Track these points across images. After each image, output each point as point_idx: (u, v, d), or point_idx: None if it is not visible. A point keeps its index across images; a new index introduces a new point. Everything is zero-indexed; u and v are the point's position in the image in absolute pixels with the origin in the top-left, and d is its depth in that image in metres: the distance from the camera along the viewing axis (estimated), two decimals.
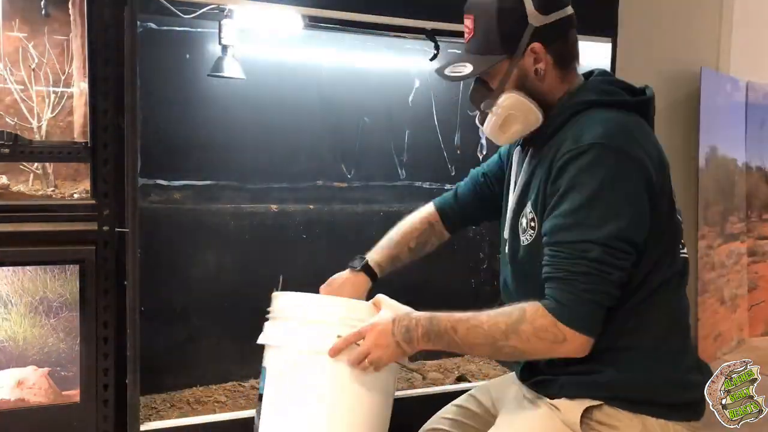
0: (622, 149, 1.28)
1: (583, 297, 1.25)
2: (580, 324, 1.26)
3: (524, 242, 1.42)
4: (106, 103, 1.76)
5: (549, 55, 1.37)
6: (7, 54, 1.97)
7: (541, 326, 1.27)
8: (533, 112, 1.38)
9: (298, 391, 1.47)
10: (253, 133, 2.56)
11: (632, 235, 1.27)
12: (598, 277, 1.25)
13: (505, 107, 1.38)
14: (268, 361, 1.54)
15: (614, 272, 1.26)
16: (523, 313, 1.29)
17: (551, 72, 1.39)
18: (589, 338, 1.27)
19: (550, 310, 1.27)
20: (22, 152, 1.78)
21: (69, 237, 1.76)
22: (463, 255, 2.98)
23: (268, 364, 1.53)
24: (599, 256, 1.25)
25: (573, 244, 1.27)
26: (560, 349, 1.28)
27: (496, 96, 1.39)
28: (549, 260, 1.30)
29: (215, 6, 2.01)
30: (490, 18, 1.36)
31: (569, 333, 1.26)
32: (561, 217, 1.29)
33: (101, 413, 1.80)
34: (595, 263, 1.25)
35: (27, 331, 1.75)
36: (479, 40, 1.40)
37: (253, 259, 2.57)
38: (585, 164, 1.27)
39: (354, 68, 2.71)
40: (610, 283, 1.26)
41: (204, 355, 2.47)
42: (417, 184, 2.88)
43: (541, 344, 1.28)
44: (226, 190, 2.55)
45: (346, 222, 2.73)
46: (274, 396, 1.49)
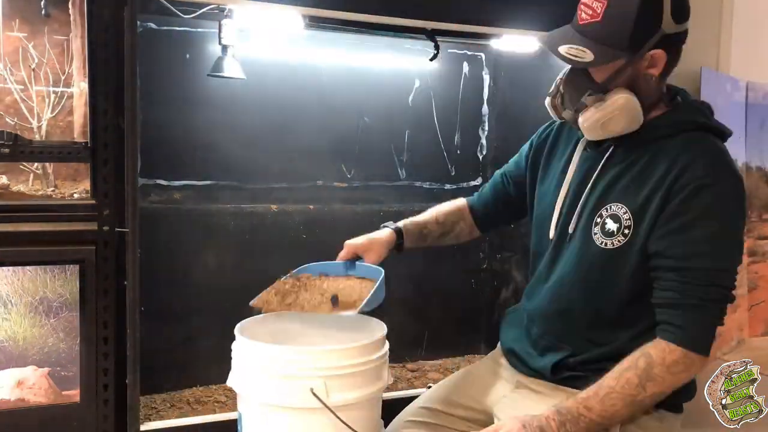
0: (741, 191, 1.35)
1: (714, 323, 1.30)
2: (706, 348, 1.30)
3: (604, 245, 1.38)
4: (106, 103, 1.76)
5: (665, 64, 1.36)
6: (7, 54, 1.97)
7: (672, 362, 1.28)
8: (638, 115, 1.36)
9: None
10: (253, 133, 2.56)
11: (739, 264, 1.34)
12: (724, 303, 1.31)
13: (615, 106, 1.35)
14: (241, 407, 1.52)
15: (730, 296, 1.33)
16: (650, 358, 1.29)
17: (657, 80, 1.38)
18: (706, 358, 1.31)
19: (680, 341, 1.28)
20: (22, 152, 1.77)
21: (69, 237, 1.76)
22: (463, 255, 2.99)
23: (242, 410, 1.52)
24: (731, 283, 1.31)
25: (708, 271, 1.28)
26: (690, 374, 1.31)
27: (605, 91, 1.36)
28: (677, 285, 1.29)
29: (215, 6, 2.01)
30: (629, 11, 1.30)
31: (697, 358, 1.29)
32: (696, 243, 1.29)
33: (101, 413, 1.80)
34: (727, 291, 1.30)
35: (27, 331, 1.75)
36: (606, 29, 1.32)
37: (253, 259, 2.57)
38: (721, 194, 1.29)
39: (354, 68, 2.71)
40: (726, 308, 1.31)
41: (204, 355, 2.47)
42: (417, 184, 2.89)
43: (675, 379, 1.29)
44: (226, 190, 2.55)
45: (346, 222, 2.73)
46: None
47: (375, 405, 1.54)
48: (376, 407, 1.55)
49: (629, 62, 1.34)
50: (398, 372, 2.71)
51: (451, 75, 2.90)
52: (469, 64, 2.93)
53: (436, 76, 2.85)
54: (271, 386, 1.43)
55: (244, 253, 2.57)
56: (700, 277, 1.28)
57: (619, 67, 1.34)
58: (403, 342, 2.78)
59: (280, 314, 1.63)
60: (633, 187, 1.37)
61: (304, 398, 1.39)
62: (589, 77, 1.39)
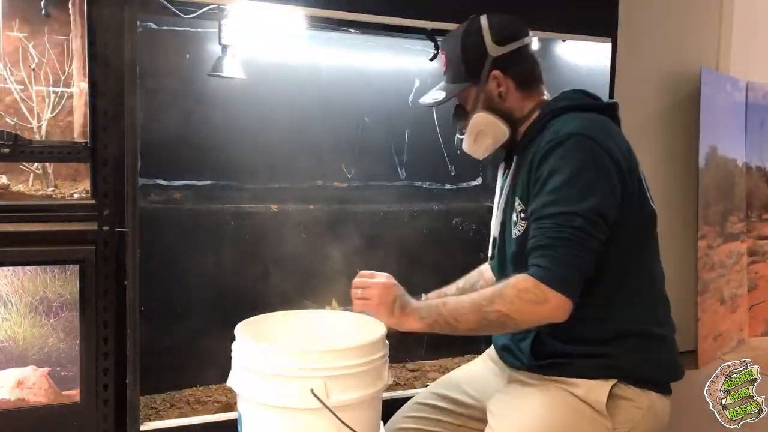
0: (594, 139, 1.44)
1: (564, 260, 1.37)
2: (561, 285, 1.37)
3: (515, 235, 1.53)
4: (106, 103, 1.76)
5: (509, 79, 1.59)
6: (7, 54, 1.97)
7: (523, 288, 1.38)
8: (500, 126, 1.59)
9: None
10: (253, 133, 2.56)
11: (606, 210, 1.41)
12: (578, 243, 1.38)
13: (475, 125, 1.60)
14: (241, 407, 1.52)
15: (592, 240, 1.39)
16: (509, 281, 1.42)
17: (513, 93, 1.59)
18: (568, 300, 1.37)
19: (533, 273, 1.39)
20: (22, 152, 1.77)
21: (69, 237, 1.76)
22: (463, 255, 2.98)
23: (242, 410, 1.52)
24: (581, 224, 1.38)
25: (557, 215, 1.40)
26: (542, 310, 1.38)
27: (468, 117, 1.61)
28: (534, 233, 1.43)
29: (215, 6, 2.01)
30: (457, 52, 1.60)
31: (550, 294, 1.36)
32: (545, 195, 1.43)
33: (101, 413, 1.80)
34: (577, 230, 1.38)
35: (27, 331, 1.75)
36: (450, 71, 1.64)
37: (253, 259, 2.57)
38: (564, 151, 1.43)
39: (354, 68, 2.71)
40: (589, 250, 1.39)
41: (204, 355, 2.46)
42: (417, 184, 2.88)
43: (524, 306, 1.38)
44: (226, 190, 2.55)
45: (346, 222, 2.73)
46: None
47: (375, 405, 1.54)
48: (377, 407, 1.55)
49: (479, 89, 1.59)
50: (398, 372, 2.71)
51: None
52: None
53: (436, 76, 2.84)
54: (270, 387, 1.43)
55: (244, 253, 2.57)
56: (551, 221, 1.40)
57: (474, 96, 1.60)
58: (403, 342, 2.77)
59: (282, 314, 1.63)
60: (519, 178, 1.55)
61: (304, 399, 1.39)
62: (463, 110, 1.65)
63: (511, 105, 1.59)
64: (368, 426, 1.50)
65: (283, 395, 1.41)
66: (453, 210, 2.94)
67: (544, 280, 1.36)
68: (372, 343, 1.49)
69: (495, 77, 1.58)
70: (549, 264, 1.37)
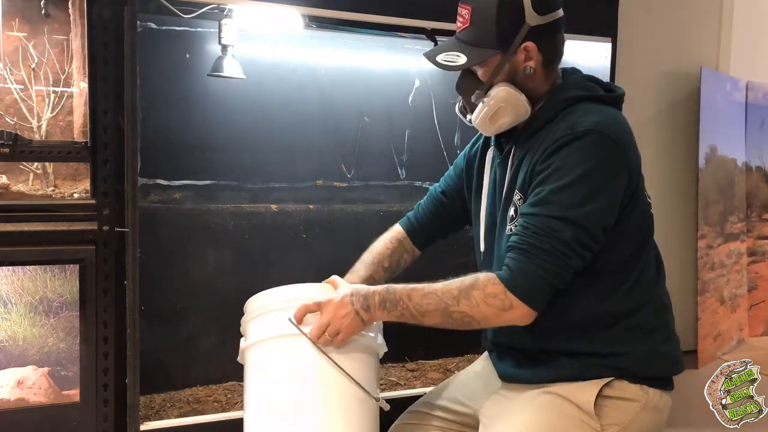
0: (613, 139, 1.34)
1: (538, 273, 1.30)
2: (528, 297, 1.31)
3: (509, 231, 1.43)
4: (106, 103, 1.76)
5: (540, 54, 1.42)
6: (7, 54, 1.97)
7: (491, 293, 1.32)
8: (523, 105, 1.42)
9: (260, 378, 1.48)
10: (253, 133, 2.56)
11: (605, 221, 1.33)
12: (558, 258, 1.30)
13: (497, 99, 1.42)
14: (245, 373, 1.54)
15: (575, 258, 1.31)
16: (476, 280, 1.35)
17: (539, 70, 1.44)
18: (532, 311, 1.33)
19: (503, 279, 1.32)
20: (22, 152, 1.77)
21: (69, 237, 1.76)
22: (463, 254, 2.98)
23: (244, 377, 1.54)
24: (569, 239, 1.30)
25: (546, 218, 1.31)
26: (505, 316, 1.33)
27: (488, 88, 1.43)
28: (518, 230, 1.35)
29: (215, 6, 2.01)
30: (490, 12, 1.39)
31: (516, 302, 1.31)
32: (543, 193, 1.33)
33: (101, 413, 1.80)
34: (562, 245, 1.30)
35: (27, 330, 1.75)
36: (475, 32, 1.42)
37: (253, 259, 2.57)
38: (578, 148, 1.32)
39: (354, 68, 2.71)
40: (567, 267, 1.31)
41: (204, 355, 2.47)
42: (417, 184, 2.88)
43: (489, 310, 1.33)
44: (226, 190, 2.55)
45: (346, 222, 2.73)
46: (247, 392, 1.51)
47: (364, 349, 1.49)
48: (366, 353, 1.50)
49: (504, 58, 1.41)
50: (398, 372, 2.71)
51: (451, 75, 2.89)
52: None
53: (436, 76, 2.85)
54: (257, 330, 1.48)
55: (244, 253, 2.57)
56: (537, 224, 1.31)
57: (497, 64, 1.41)
58: (403, 342, 2.77)
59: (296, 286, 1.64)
60: (523, 171, 1.43)
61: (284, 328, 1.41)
62: (476, 79, 1.47)
63: (535, 83, 1.44)
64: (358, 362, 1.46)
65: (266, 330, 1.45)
66: None
67: (513, 289, 1.31)
68: None
69: (527, 49, 1.40)
70: (521, 273, 1.31)
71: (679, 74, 3.45)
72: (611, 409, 1.41)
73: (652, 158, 3.46)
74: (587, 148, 1.32)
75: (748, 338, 3.77)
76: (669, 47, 3.41)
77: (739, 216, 3.69)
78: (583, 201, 1.31)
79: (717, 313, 3.46)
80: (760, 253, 3.83)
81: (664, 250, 1.59)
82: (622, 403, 1.42)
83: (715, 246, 3.45)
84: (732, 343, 3.61)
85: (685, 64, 3.45)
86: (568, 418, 1.40)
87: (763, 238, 3.83)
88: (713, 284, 3.42)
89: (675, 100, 3.46)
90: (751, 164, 3.78)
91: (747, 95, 3.71)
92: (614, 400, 1.42)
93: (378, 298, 1.39)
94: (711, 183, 3.43)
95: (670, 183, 3.47)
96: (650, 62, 3.34)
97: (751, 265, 3.80)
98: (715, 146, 3.46)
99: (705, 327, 3.33)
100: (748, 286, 3.77)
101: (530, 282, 1.31)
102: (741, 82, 3.65)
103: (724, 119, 3.58)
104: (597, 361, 1.42)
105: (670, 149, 3.47)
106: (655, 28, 3.35)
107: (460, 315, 1.35)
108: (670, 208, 3.47)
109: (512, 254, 1.34)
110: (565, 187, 1.31)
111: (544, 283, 1.31)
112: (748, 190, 3.75)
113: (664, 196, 3.48)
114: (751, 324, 3.81)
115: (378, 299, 1.39)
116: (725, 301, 3.55)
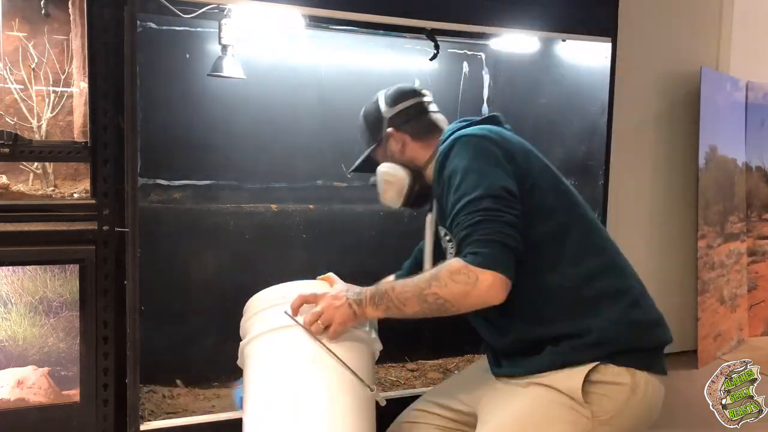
0: (474, 135, 1.56)
1: (485, 240, 1.40)
2: (488, 262, 1.38)
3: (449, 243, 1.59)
4: (106, 103, 1.76)
5: (403, 133, 1.75)
6: (7, 54, 1.97)
7: (455, 269, 1.40)
8: (398, 171, 1.73)
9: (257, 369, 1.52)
10: (253, 133, 2.56)
11: (507, 184, 1.47)
12: (491, 220, 1.42)
13: (378, 176, 1.76)
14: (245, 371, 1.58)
15: (504, 214, 1.43)
16: (444, 263, 1.45)
17: (411, 144, 1.75)
18: (498, 275, 1.39)
19: (463, 257, 1.42)
20: (22, 152, 1.78)
21: (69, 237, 1.76)
22: None
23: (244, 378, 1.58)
24: (488, 205, 1.43)
25: (465, 206, 1.45)
26: (474, 291, 1.39)
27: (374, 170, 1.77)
28: (454, 231, 1.47)
29: (215, 6, 2.01)
30: (362, 123, 1.83)
31: (480, 273, 1.38)
32: (451, 196, 1.50)
33: (101, 413, 1.80)
34: (486, 211, 1.43)
35: (27, 330, 1.75)
36: (363, 140, 1.83)
37: (253, 259, 2.57)
38: (453, 154, 1.54)
39: (354, 68, 2.71)
40: (503, 224, 1.42)
41: (204, 355, 2.47)
42: None
43: (456, 287, 1.40)
44: (226, 190, 2.55)
45: (346, 222, 2.73)
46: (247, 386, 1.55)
47: (358, 340, 1.55)
48: (360, 345, 1.55)
49: (384, 146, 1.77)
50: (398, 372, 2.71)
51: (451, 75, 2.90)
52: (469, 63, 2.93)
53: (436, 75, 2.85)
54: (255, 326, 1.54)
55: (244, 253, 2.57)
56: (463, 213, 1.45)
57: (383, 154, 1.78)
58: (403, 342, 2.78)
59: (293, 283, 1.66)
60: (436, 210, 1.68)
61: (280, 320, 1.48)
62: None
63: (411, 155, 1.74)
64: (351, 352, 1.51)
65: (264, 325, 1.52)
66: None
67: (472, 261, 1.39)
68: None
69: (391, 134, 1.74)
70: (473, 248, 1.40)
71: (679, 74, 3.45)
72: (600, 396, 1.43)
73: (652, 158, 3.46)
74: (460, 149, 1.54)
75: (748, 338, 3.77)
76: (669, 47, 3.41)
77: (739, 216, 3.69)
78: (479, 180, 1.46)
79: (717, 313, 3.46)
80: (760, 253, 3.83)
81: (664, 250, 1.59)
82: (609, 387, 1.44)
83: (715, 246, 3.45)
84: (732, 343, 3.61)
85: (685, 64, 3.45)
86: (558, 405, 1.44)
87: (763, 238, 3.83)
88: (713, 284, 3.42)
89: (675, 100, 3.46)
90: (751, 164, 3.78)
91: (747, 95, 3.71)
92: (602, 385, 1.43)
93: (369, 293, 1.50)
94: (711, 183, 3.43)
95: (670, 183, 3.47)
96: (650, 62, 3.34)
97: (751, 265, 3.80)
98: (715, 146, 3.47)
99: (705, 327, 3.33)
100: (748, 286, 3.77)
101: (484, 249, 1.39)
102: (741, 82, 3.65)
103: (724, 119, 3.58)
104: (576, 343, 1.45)
105: (670, 149, 3.47)
106: (655, 28, 3.35)
107: (433, 297, 1.42)
108: (670, 208, 3.47)
109: (461, 246, 1.44)
110: (461, 182, 1.48)
111: (496, 244, 1.40)
112: (748, 190, 3.75)
113: (664, 196, 3.48)
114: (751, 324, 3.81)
115: (369, 294, 1.50)
116: (725, 301, 3.55)
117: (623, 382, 1.44)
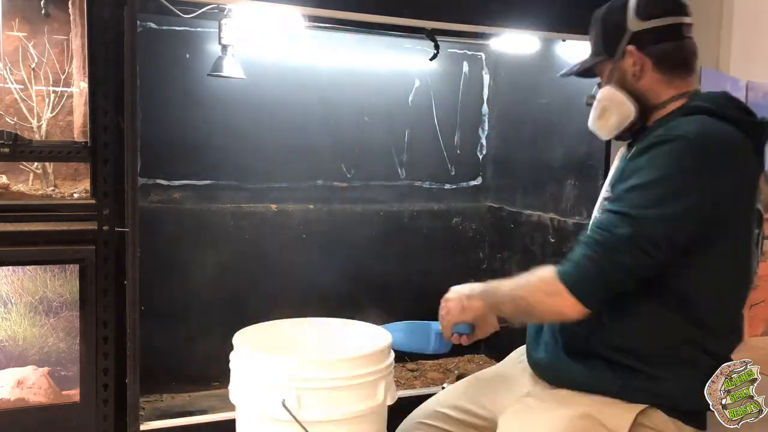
0: (704, 152, 1.29)
1: (587, 263, 1.29)
2: (575, 287, 1.30)
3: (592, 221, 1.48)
4: (106, 103, 1.76)
5: (646, 56, 1.43)
6: (7, 54, 1.97)
7: (544, 277, 1.34)
8: (626, 104, 1.44)
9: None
10: (253, 133, 2.56)
11: (666, 230, 1.27)
12: (609, 252, 1.28)
13: (599, 99, 1.48)
14: (237, 414, 1.56)
15: (626, 256, 1.27)
16: (538, 268, 1.38)
17: (650, 73, 1.43)
18: (579, 304, 1.30)
19: (558, 267, 1.33)
20: (22, 152, 1.77)
21: (69, 237, 1.76)
22: (463, 254, 2.98)
23: (237, 417, 1.55)
24: (623, 233, 1.27)
25: (611, 214, 1.31)
26: (553, 301, 1.33)
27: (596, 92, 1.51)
28: (592, 223, 1.40)
29: (215, 6, 2.01)
30: (598, 21, 1.50)
31: (563, 290, 1.30)
32: (620, 190, 1.33)
33: (101, 413, 1.80)
34: (614, 238, 1.27)
35: (27, 330, 1.75)
36: (591, 42, 1.53)
37: (253, 259, 2.57)
38: (665, 151, 1.29)
39: (354, 68, 2.71)
40: (617, 264, 1.28)
41: (204, 355, 2.47)
42: (417, 184, 2.89)
43: (539, 295, 1.35)
44: (226, 190, 2.55)
45: (346, 222, 2.73)
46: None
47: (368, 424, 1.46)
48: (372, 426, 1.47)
49: (612, 63, 1.46)
50: (398, 372, 2.71)
51: (451, 75, 2.90)
52: (469, 63, 2.93)
53: (436, 75, 2.85)
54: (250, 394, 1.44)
55: (244, 253, 2.57)
56: (603, 219, 1.33)
57: (608, 70, 1.47)
58: None
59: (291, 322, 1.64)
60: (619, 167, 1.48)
61: (277, 409, 1.36)
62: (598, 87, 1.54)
63: (645, 86, 1.44)
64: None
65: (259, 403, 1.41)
66: (453, 210, 2.94)
67: (561, 275, 1.31)
68: (360, 357, 1.44)
69: (630, 52, 1.42)
70: (572, 262, 1.32)
71: None
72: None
73: None
74: (673, 153, 1.28)
75: (748, 338, 3.77)
76: None
77: None
78: (651, 204, 1.27)
79: None
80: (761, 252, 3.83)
81: None
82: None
83: None
84: None
85: None
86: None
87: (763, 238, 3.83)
88: None
89: None
90: None
91: (747, 95, 3.71)
92: (647, 429, 1.35)
93: (479, 288, 1.50)
94: None
95: None
96: None
97: None
98: None
99: None
100: None
101: (579, 271, 1.30)
102: (741, 82, 3.65)
103: None
104: (640, 382, 1.35)
105: None
106: None
107: (521, 300, 1.38)
108: None
109: (577, 245, 1.34)
110: (639, 186, 1.29)
111: (592, 276, 1.29)
112: None
113: None
114: (751, 324, 3.80)
115: (479, 288, 1.50)
116: None
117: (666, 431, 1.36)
